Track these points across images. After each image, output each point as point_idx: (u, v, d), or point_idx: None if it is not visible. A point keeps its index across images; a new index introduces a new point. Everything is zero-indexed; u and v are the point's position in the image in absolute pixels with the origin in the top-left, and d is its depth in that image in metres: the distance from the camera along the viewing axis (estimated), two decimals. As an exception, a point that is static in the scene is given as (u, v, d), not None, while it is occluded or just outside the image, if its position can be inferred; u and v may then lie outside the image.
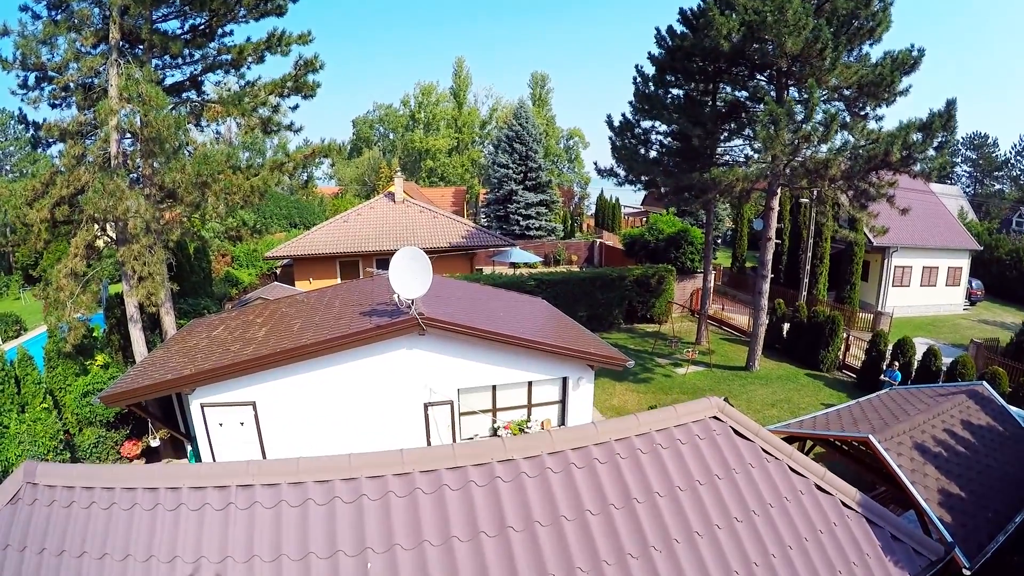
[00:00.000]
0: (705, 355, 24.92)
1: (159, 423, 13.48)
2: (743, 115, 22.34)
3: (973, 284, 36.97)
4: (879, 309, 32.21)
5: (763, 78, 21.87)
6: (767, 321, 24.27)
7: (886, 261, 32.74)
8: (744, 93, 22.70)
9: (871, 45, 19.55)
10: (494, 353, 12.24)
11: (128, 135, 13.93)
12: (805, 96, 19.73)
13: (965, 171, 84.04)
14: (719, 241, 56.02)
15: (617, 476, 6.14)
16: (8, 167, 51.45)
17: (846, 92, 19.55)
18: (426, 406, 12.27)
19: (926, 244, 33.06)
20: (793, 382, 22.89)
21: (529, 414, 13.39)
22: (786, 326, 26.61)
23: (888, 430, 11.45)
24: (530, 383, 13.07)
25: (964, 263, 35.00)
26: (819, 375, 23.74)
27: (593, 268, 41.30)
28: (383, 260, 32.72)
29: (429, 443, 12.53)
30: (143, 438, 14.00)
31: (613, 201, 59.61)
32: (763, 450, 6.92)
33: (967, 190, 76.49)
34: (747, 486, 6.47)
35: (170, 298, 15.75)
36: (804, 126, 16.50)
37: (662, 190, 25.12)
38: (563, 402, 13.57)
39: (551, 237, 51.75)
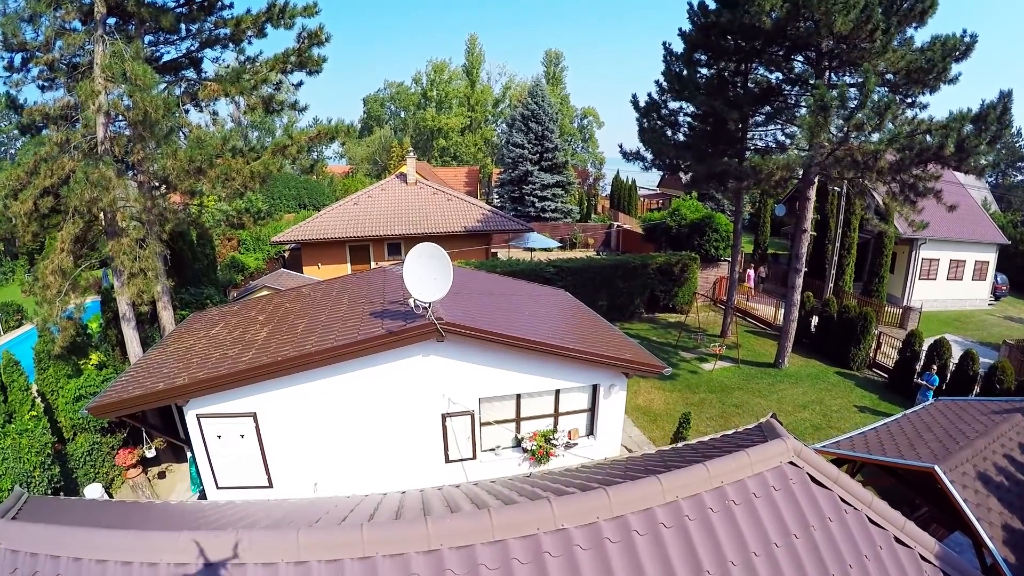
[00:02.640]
0: (732, 349, 23.74)
1: (154, 431, 12.51)
2: (778, 98, 20.89)
3: (998, 279, 35.87)
4: (905, 303, 31.10)
5: (800, 59, 20.39)
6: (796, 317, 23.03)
7: (913, 253, 31.47)
8: (778, 75, 21.24)
9: (916, 28, 18.16)
10: (520, 360, 11.10)
11: (120, 118, 12.74)
12: (851, 80, 18.45)
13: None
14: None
15: (686, 543, 5.09)
16: (12, 151, 50.38)
17: (889, 77, 18.20)
18: (444, 417, 11.20)
19: (955, 236, 31.58)
20: (823, 381, 21.80)
21: (556, 423, 12.31)
22: (814, 320, 25.46)
23: (951, 458, 10.54)
24: (558, 391, 11.97)
25: (991, 257, 33.77)
26: (849, 374, 22.67)
27: (612, 254, 40.04)
28: (395, 245, 31.66)
29: (447, 456, 11.50)
30: (139, 447, 13.04)
31: (629, 183, 58.04)
32: (841, 499, 5.94)
33: (989, 180, 74.03)
34: (826, 545, 5.54)
35: (167, 292, 14.67)
36: (857, 114, 15.04)
37: (685, 176, 23.73)
38: (593, 410, 12.48)
39: (567, 219, 50.42)
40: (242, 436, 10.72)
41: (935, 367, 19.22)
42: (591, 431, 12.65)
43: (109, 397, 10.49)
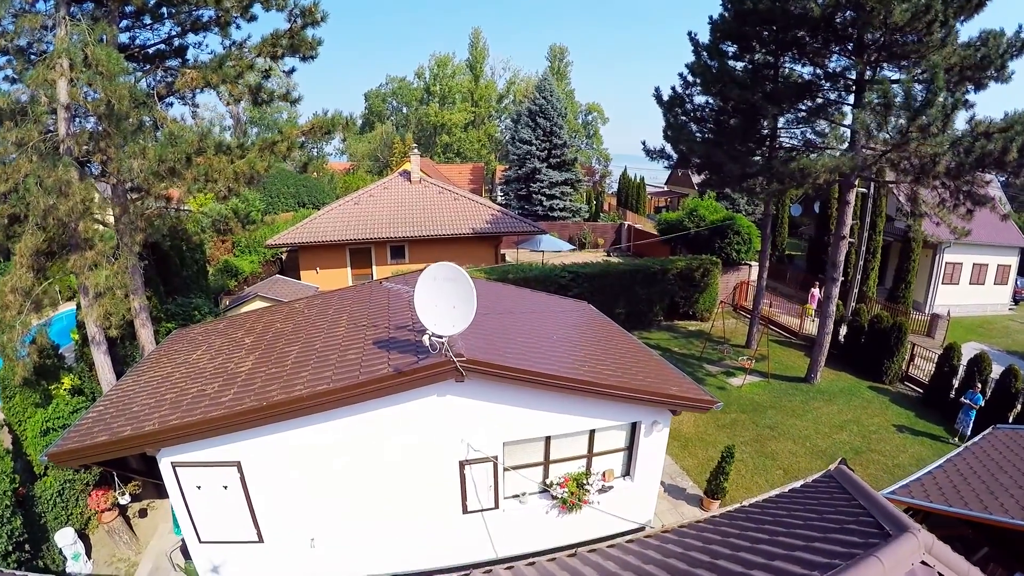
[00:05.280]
0: (759, 361, 22.12)
1: (129, 474, 10.92)
2: (817, 94, 19.21)
3: (1019, 283, 34.91)
4: (928, 308, 29.98)
5: (837, 51, 18.70)
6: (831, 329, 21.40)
7: (937, 257, 30.21)
8: (811, 69, 19.55)
9: (962, 23, 16.66)
10: (551, 398, 9.50)
11: (87, 112, 11.07)
12: (896, 76, 16.88)
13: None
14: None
15: None
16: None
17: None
18: (462, 464, 9.58)
19: (980, 240, 29.80)
20: (857, 397, 20.31)
21: (589, 465, 10.71)
22: (843, 329, 23.91)
23: (1040, 511, 9.41)
24: (592, 431, 10.35)
25: (1013, 261, 32.75)
26: (882, 388, 21.20)
27: (628, 258, 38.33)
28: (398, 247, 30.01)
29: (465, 508, 9.90)
30: (112, 491, 11.42)
31: (638, 180, 56.38)
32: (971, 599, 4.69)
33: (1001, 180, 72.06)
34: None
35: (145, 309, 13.00)
36: (923, 114, 13.37)
37: (713, 175, 21.99)
38: (630, 449, 10.89)
39: (575, 218, 48.76)
40: (225, 487, 9.14)
41: (979, 385, 17.84)
42: (628, 472, 11.06)
43: (70, 441, 8.87)
